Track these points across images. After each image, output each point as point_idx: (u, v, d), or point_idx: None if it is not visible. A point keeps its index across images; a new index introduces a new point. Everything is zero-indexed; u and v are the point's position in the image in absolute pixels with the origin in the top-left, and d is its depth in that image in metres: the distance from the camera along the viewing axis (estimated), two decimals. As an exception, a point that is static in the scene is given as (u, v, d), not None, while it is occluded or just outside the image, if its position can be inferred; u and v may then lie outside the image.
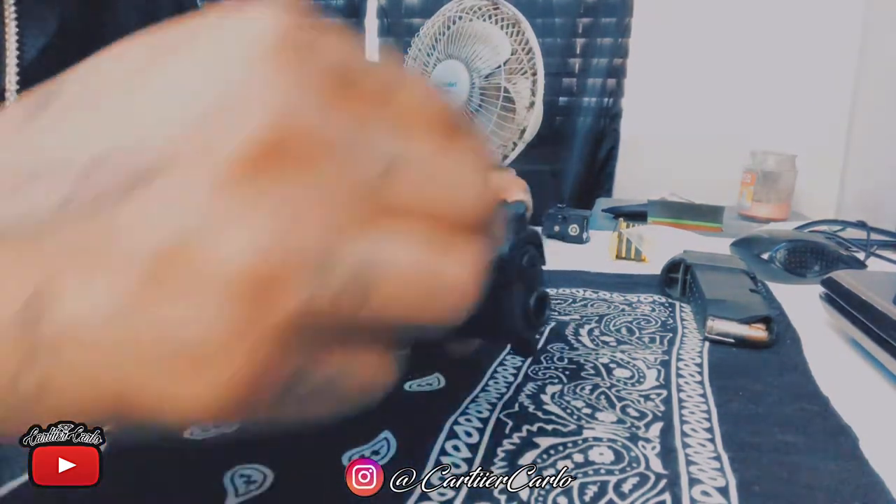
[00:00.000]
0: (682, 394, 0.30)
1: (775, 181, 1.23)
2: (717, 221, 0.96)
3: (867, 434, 0.26)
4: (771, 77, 1.54)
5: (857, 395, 0.31)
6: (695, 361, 0.34)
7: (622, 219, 0.81)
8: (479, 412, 0.26)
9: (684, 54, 1.61)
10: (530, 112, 0.77)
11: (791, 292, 0.49)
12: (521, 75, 0.77)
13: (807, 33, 1.51)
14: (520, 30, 0.77)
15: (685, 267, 0.47)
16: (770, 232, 0.65)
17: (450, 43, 0.80)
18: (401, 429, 0.24)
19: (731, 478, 0.22)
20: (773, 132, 1.51)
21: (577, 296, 0.47)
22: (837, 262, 0.56)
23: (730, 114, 1.58)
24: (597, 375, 0.31)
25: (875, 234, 0.71)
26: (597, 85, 1.72)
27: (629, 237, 0.63)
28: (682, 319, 0.42)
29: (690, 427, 0.26)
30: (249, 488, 0.20)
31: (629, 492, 0.21)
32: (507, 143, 0.79)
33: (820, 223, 0.81)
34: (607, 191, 1.75)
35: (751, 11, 1.54)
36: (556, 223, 0.72)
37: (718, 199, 1.11)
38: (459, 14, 0.80)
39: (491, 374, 0.31)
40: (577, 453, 0.23)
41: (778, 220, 1.14)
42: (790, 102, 1.53)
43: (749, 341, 0.36)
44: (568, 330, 0.38)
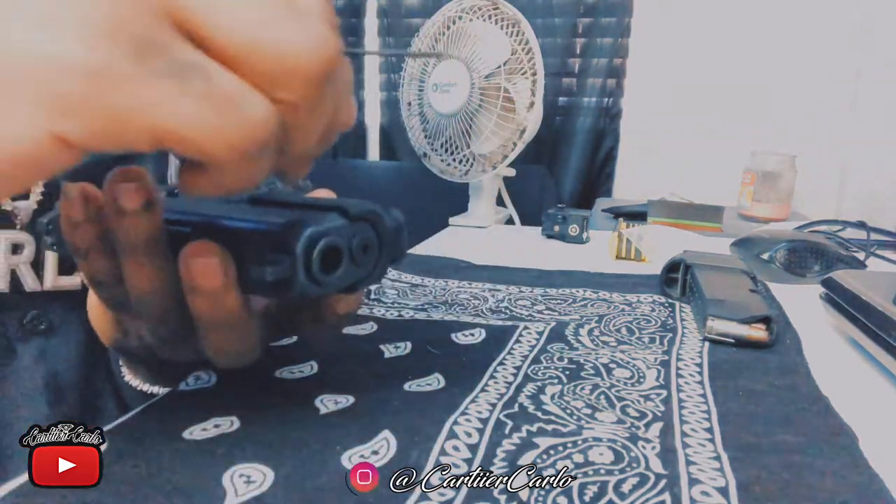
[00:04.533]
0: (682, 394, 0.30)
1: (775, 181, 1.23)
2: (716, 221, 0.96)
3: (867, 434, 0.26)
4: (771, 77, 1.54)
5: (857, 395, 0.32)
6: (695, 361, 0.34)
7: (622, 219, 0.81)
8: (479, 412, 0.26)
9: (684, 54, 1.61)
10: (530, 112, 0.77)
11: (791, 292, 0.49)
12: (521, 75, 0.77)
13: (807, 33, 1.51)
14: (520, 30, 0.77)
15: (685, 267, 0.47)
16: (770, 232, 0.65)
17: (450, 43, 0.80)
18: (401, 429, 0.24)
19: (731, 478, 0.22)
20: (773, 132, 1.51)
21: (577, 296, 0.47)
22: (837, 262, 0.56)
23: (730, 114, 1.58)
24: (597, 375, 0.31)
25: (875, 234, 0.71)
26: (597, 85, 1.72)
27: (629, 237, 0.63)
28: (682, 319, 0.42)
29: (690, 427, 0.26)
30: (249, 488, 0.20)
31: (629, 492, 0.21)
32: (507, 143, 0.79)
33: (820, 223, 0.81)
34: (607, 191, 1.75)
35: (751, 11, 1.54)
36: (556, 223, 0.72)
37: (718, 199, 1.11)
38: (459, 14, 0.80)
39: (491, 374, 0.31)
40: (577, 453, 0.23)
41: (778, 220, 1.14)
42: (790, 102, 1.53)
43: (749, 341, 0.36)
44: (568, 330, 0.38)
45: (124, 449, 0.22)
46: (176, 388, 0.28)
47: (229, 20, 0.15)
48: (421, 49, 0.83)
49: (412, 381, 0.29)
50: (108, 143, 0.15)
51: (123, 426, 0.25)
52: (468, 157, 0.81)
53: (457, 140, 0.81)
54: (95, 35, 0.14)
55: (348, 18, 1.90)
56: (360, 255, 0.23)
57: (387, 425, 0.25)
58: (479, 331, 0.37)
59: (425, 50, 0.82)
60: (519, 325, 0.39)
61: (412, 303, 0.44)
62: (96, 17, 0.14)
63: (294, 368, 0.30)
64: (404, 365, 0.32)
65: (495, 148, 0.80)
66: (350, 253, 0.23)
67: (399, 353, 0.33)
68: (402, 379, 0.30)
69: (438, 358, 0.33)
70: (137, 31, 0.14)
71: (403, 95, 0.87)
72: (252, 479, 0.21)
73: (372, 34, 1.91)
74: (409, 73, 0.85)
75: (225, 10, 0.15)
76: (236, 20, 0.15)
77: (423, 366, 0.31)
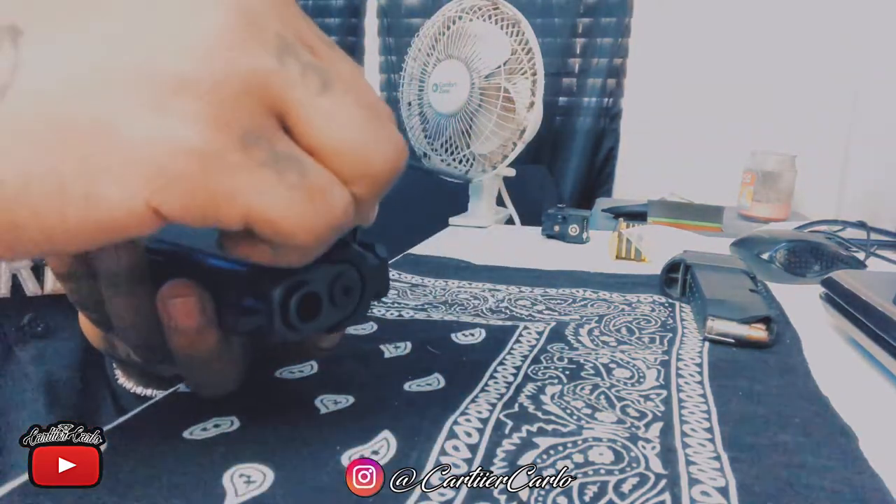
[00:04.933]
0: (682, 394, 0.30)
1: (775, 181, 1.23)
2: (716, 221, 0.96)
3: (867, 434, 0.26)
4: (771, 77, 1.54)
5: (857, 395, 0.32)
6: (695, 361, 0.34)
7: (622, 219, 0.81)
8: (479, 412, 0.26)
9: (684, 54, 1.61)
10: (530, 112, 0.77)
11: (791, 292, 0.49)
12: (521, 75, 0.77)
13: (807, 33, 1.51)
14: (520, 30, 0.77)
15: (685, 267, 0.47)
16: (770, 232, 0.65)
17: (450, 43, 0.80)
18: (401, 429, 0.24)
19: (731, 478, 0.22)
20: (773, 132, 1.51)
21: (577, 296, 0.47)
22: (837, 262, 0.56)
23: (730, 114, 1.58)
24: (597, 375, 0.31)
25: (875, 234, 0.71)
26: (597, 85, 1.72)
27: (629, 237, 0.63)
28: (682, 319, 0.42)
29: (690, 427, 0.26)
30: (249, 488, 0.20)
31: (629, 492, 0.21)
32: (507, 143, 0.79)
33: (820, 223, 0.81)
34: (607, 191, 1.75)
35: (751, 11, 1.54)
36: (556, 223, 0.72)
37: (718, 199, 1.11)
38: (459, 14, 0.80)
39: (491, 374, 0.31)
40: (577, 453, 0.23)
41: (778, 220, 1.14)
42: (790, 102, 1.53)
43: (749, 341, 0.36)
44: (568, 330, 0.38)
45: (124, 449, 0.22)
46: (176, 388, 0.28)
47: (327, 121, 0.17)
48: (421, 48, 0.83)
49: (412, 381, 0.29)
50: (198, 219, 0.16)
51: (123, 426, 0.25)
52: (468, 157, 0.81)
53: (457, 140, 0.81)
54: (207, 121, 0.15)
55: (348, 18, 1.91)
56: (340, 298, 0.22)
57: (387, 425, 0.25)
58: (479, 331, 0.37)
59: (425, 50, 0.82)
60: (519, 325, 0.39)
61: (412, 303, 0.44)
62: (210, 103, 0.15)
63: (294, 368, 0.30)
64: (404, 365, 0.32)
65: (495, 148, 0.79)
66: (330, 296, 0.22)
67: (399, 353, 0.33)
68: (402, 379, 0.30)
69: (438, 358, 0.33)
70: (245, 122, 0.16)
71: (403, 95, 0.87)
72: (252, 479, 0.21)
73: (372, 34, 1.91)
74: (409, 73, 0.85)
75: (324, 111, 0.17)
76: (333, 122, 0.17)
77: (423, 366, 0.31)
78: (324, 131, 0.17)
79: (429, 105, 0.82)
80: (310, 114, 0.17)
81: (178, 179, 0.15)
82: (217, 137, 0.15)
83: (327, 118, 0.17)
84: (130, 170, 0.15)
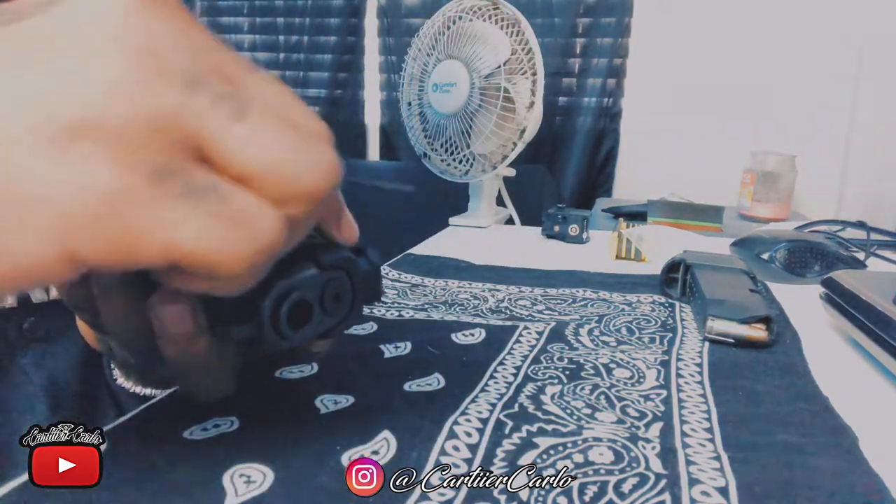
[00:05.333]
0: (682, 394, 0.30)
1: (775, 181, 1.23)
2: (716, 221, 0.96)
3: (867, 434, 0.26)
4: (771, 77, 1.54)
5: (857, 395, 0.32)
6: (695, 361, 0.34)
7: (622, 219, 0.81)
8: (479, 412, 0.26)
9: (684, 54, 1.61)
10: (530, 112, 0.77)
11: (791, 292, 0.49)
12: (521, 75, 0.77)
13: (807, 33, 1.51)
14: (520, 30, 0.77)
15: (685, 267, 0.47)
16: (770, 232, 0.65)
17: (450, 43, 0.80)
18: (401, 429, 0.24)
19: (731, 478, 0.22)
20: (773, 132, 1.51)
21: (577, 296, 0.47)
22: (837, 262, 0.56)
23: (730, 114, 1.58)
24: (597, 375, 0.31)
25: (875, 234, 0.71)
26: (597, 85, 1.72)
27: (629, 237, 0.63)
28: (682, 319, 0.42)
29: (690, 427, 0.26)
30: (249, 488, 0.20)
31: (629, 492, 0.21)
32: (507, 143, 0.79)
33: (820, 223, 0.81)
34: (607, 191, 1.75)
35: (751, 11, 1.54)
36: (556, 223, 0.72)
37: (718, 199, 1.11)
38: (459, 14, 0.80)
39: (491, 374, 0.31)
40: (577, 453, 0.23)
41: (778, 220, 1.14)
42: (790, 102, 1.53)
43: (749, 341, 0.36)
44: (568, 330, 0.38)
45: (124, 449, 0.22)
46: (175, 388, 0.28)
47: (245, 146, 0.17)
48: (421, 48, 0.83)
49: (412, 381, 0.29)
50: (118, 261, 0.16)
51: (123, 426, 0.25)
52: (468, 157, 0.81)
53: (457, 140, 0.81)
54: (111, 162, 0.15)
55: (348, 18, 1.91)
56: (331, 305, 0.22)
57: (387, 425, 0.25)
58: (479, 331, 0.37)
59: (425, 50, 0.82)
60: (519, 325, 0.39)
61: (412, 303, 0.44)
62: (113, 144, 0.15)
63: (294, 368, 0.30)
64: (404, 365, 0.32)
65: (495, 148, 0.79)
66: (321, 303, 0.22)
67: (399, 353, 0.33)
68: (402, 379, 0.30)
69: (438, 358, 0.33)
70: (155, 159, 0.15)
71: (403, 95, 0.87)
72: (252, 479, 0.21)
73: (372, 34, 1.91)
74: (410, 73, 0.85)
75: (241, 137, 0.16)
76: (252, 146, 0.17)
77: (423, 366, 0.31)
78: (244, 156, 0.17)
79: (429, 105, 0.82)
80: (227, 142, 0.16)
81: (88, 222, 0.15)
82: (124, 176, 0.15)
83: (245, 143, 0.16)
84: (37, 218, 0.15)
